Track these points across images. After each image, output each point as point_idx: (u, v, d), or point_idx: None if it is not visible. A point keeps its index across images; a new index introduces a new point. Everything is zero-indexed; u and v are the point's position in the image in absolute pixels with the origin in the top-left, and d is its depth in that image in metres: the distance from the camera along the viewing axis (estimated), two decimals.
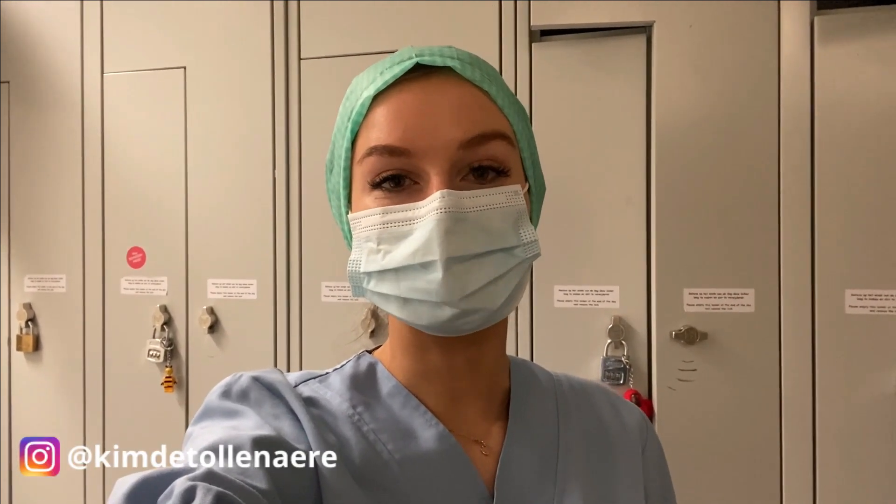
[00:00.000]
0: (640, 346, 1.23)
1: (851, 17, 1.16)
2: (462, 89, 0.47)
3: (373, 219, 0.46)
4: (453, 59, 0.48)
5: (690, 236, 1.20)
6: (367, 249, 0.47)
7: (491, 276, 0.45)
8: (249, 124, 1.42)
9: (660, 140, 1.21)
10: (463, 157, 0.45)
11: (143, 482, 0.35)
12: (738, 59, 1.19)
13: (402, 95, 0.46)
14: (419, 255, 0.44)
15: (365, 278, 0.48)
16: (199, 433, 0.44)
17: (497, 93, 0.49)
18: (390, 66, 0.48)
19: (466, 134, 0.45)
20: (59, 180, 1.53)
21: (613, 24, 1.24)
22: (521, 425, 0.54)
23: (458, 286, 0.43)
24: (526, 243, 0.47)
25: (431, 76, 0.47)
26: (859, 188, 1.14)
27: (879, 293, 1.13)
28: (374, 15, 1.36)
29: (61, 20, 1.54)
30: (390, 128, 0.46)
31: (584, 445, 0.55)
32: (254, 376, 0.49)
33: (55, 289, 1.53)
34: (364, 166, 0.47)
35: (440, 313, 0.44)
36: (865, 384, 1.13)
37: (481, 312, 0.45)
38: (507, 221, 0.46)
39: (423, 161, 0.45)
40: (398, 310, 0.47)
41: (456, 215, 0.44)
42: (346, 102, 0.51)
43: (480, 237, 0.45)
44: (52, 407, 1.53)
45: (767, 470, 1.16)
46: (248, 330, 1.42)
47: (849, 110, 1.15)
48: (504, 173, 0.47)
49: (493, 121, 0.47)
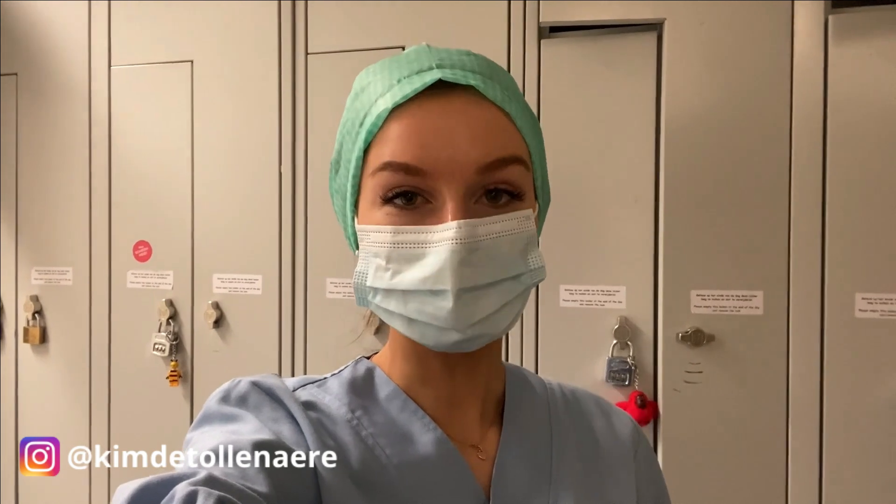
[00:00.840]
0: (646, 347, 1.22)
1: (866, 16, 1.14)
2: (483, 110, 0.46)
3: (383, 236, 0.46)
4: (475, 73, 0.47)
5: (698, 237, 1.19)
6: (375, 265, 0.47)
7: (497, 304, 0.46)
8: (256, 119, 1.41)
9: (669, 139, 1.19)
10: (479, 181, 0.45)
11: (144, 488, 0.35)
12: (749, 57, 1.17)
13: (421, 113, 0.45)
14: (430, 282, 0.44)
15: (371, 292, 0.48)
16: (198, 438, 0.44)
17: (517, 113, 0.48)
18: (409, 74, 0.46)
19: (485, 158, 0.44)
20: (67, 173, 1.53)
21: (623, 21, 1.23)
22: (516, 430, 0.54)
23: (467, 314, 0.44)
24: (533, 269, 0.47)
25: (453, 94, 0.45)
26: (871, 190, 1.13)
27: (890, 297, 1.12)
28: (381, 10, 1.35)
29: (69, 13, 1.54)
30: (406, 145, 0.45)
31: (576, 451, 0.55)
32: (252, 381, 0.49)
33: (62, 281, 1.54)
34: (376, 179, 0.46)
35: (446, 337, 0.45)
36: (874, 389, 1.12)
37: (484, 337, 0.46)
38: (517, 248, 0.46)
39: (438, 182, 0.44)
40: (403, 327, 0.47)
41: (470, 246, 0.43)
42: (355, 102, 0.50)
43: (490, 267, 0.45)
44: (57, 399, 1.54)
45: (773, 474, 1.15)
46: (253, 325, 1.42)
47: (862, 110, 1.13)
48: (518, 197, 0.47)
49: (512, 144, 0.47)
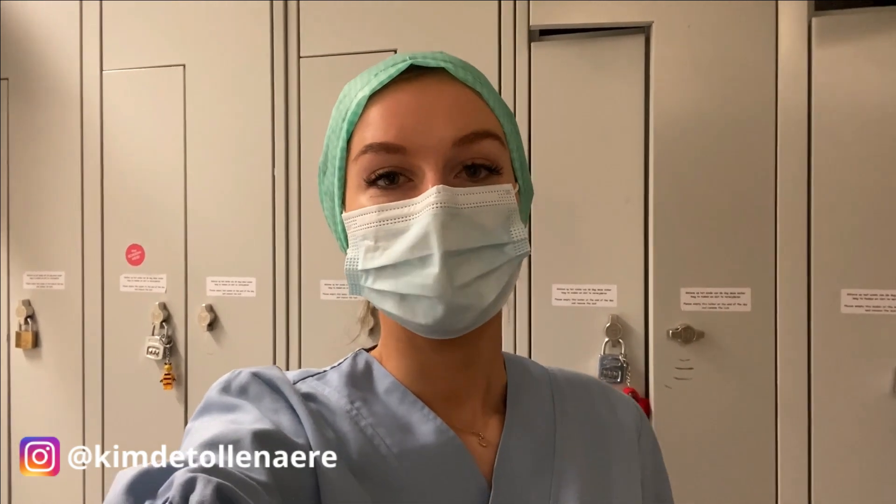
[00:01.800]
0: (637, 344, 1.24)
1: (849, 18, 1.16)
2: (455, 89, 0.48)
3: (369, 217, 0.47)
4: (446, 61, 0.49)
5: (688, 236, 1.20)
6: (365, 247, 0.48)
7: (482, 269, 0.46)
8: (249, 122, 1.42)
9: (658, 140, 1.21)
10: (456, 155, 0.46)
11: (143, 474, 0.36)
12: (735, 59, 1.19)
13: (398, 95, 0.48)
14: (416, 249, 0.45)
15: (363, 276, 0.49)
16: (198, 427, 0.44)
17: (488, 95, 0.50)
18: (385, 67, 0.49)
19: (460, 132, 0.46)
20: (58, 177, 1.53)
21: (612, 24, 1.24)
22: (519, 418, 0.54)
23: (453, 277, 0.45)
24: (516, 241, 0.48)
25: (425, 77, 0.48)
26: (855, 188, 1.15)
27: (875, 293, 1.14)
28: (373, 14, 1.36)
29: (61, 17, 1.54)
30: (386, 126, 0.47)
31: (580, 437, 0.55)
32: (253, 372, 0.49)
33: (54, 286, 1.53)
34: (359, 164, 0.48)
35: (435, 309, 0.45)
36: (861, 383, 1.14)
37: (473, 309, 0.46)
38: (499, 219, 0.47)
39: (417, 158, 0.46)
40: (395, 307, 0.47)
41: (451, 210, 0.44)
42: (339, 105, 0.52)
43: (473, 233, 0.46)
44: (50, 404, 1.54)
45: (763, 468, 1.17)
46: (247, 327, 1.42)
47: (846, 111, 1.16)
48: (496, 171, 0.48)
49: (486, 120, 0.49)
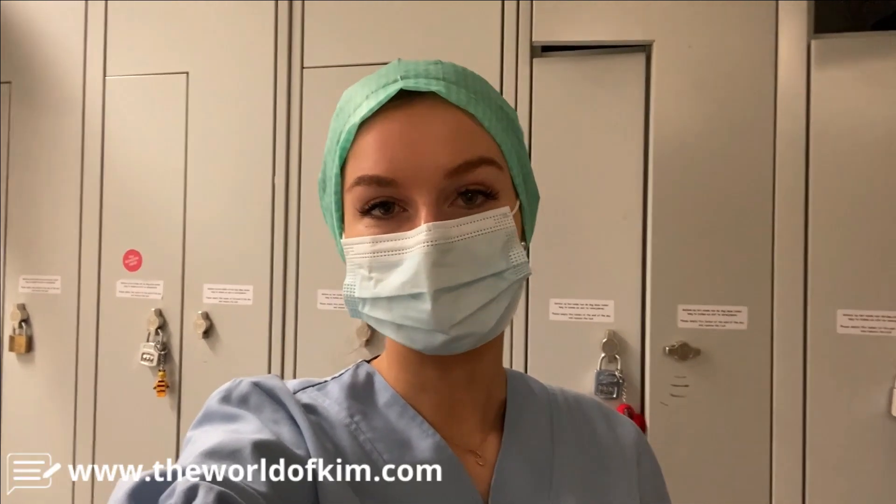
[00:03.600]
0: (633, 360, 1.24)
1: (848, 41, 1.18)
2: (447, 115, 0.46)
3: (364, 247, 0.47)
4: (438, 80, 0.47)
5: (685, 253, 1.21)
6: (360, 276, 0.48)
7: (480, 302, 0.46)
8: (250, 131, 1.42)
9: (657, 157, 1.22)
10: (449, 185, 0.45)
11: (145, 482, 0.36)
12: (735, 79, 1.21)
13: (387, 124, 0.46)
14: (408, 286, 0.45)
15: (360, 303, 0.49)
16: (199, 436, 0.44)
17: (483, 114, 0.48)
18: (376, 89, 0.48)
19: (452, 162, 0.45)
20: (58, 182, 1.53)
21: (614, 42, 1.26)
22: (516, 437, 0.54)
23: (447, 315, 0.44)
24: (515, 265, 0.47)
25: (415, 103, 0.46)
26: (852, 210, 1.16)
27: (871, 314, 1.15)
28: (376, 26, 1.37)
29: (65, 22, 1.54)
30: (376, 158, 0.46)
31: (578, 458, 0.55)
32: (254, 382, 0.49)
33: (50, 290, 1.53)
34: (353, 194, 0.48)
35: (433, 339, 0.46)
36: (856, 403, 1.14)
37: (472, 336, 0.46)
38: (496, 246, 0.46)
39: (410, 190, 0.45)
40: (393, 333, 0.48)
41: (443, 247, 0.44)
42: (335, 121, 0.51)
43: (468, 265, 0.45)
44: (42, 409, 1.52)
45: (757, 486, 1.17)
46: (243, 336, 1.42)
47: (843, 133, 1.17)
48: (492, 196, 0.47)
49: (479, 146, 0.47)
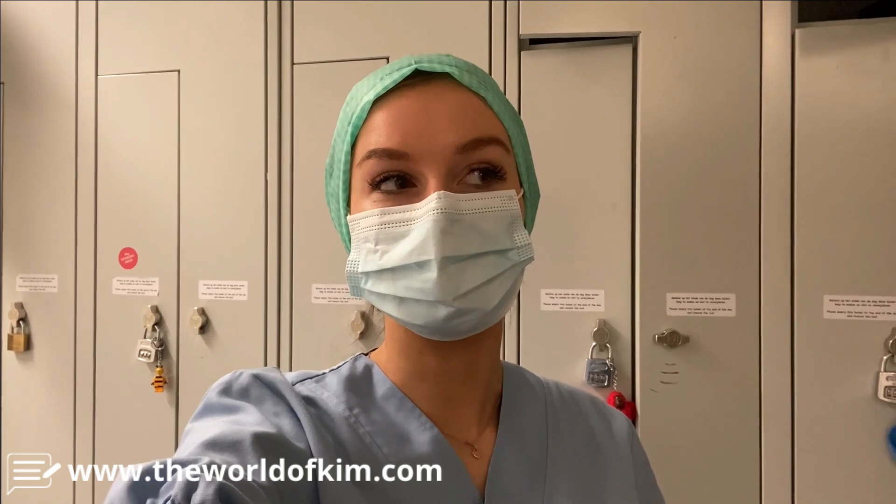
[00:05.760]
0: (624, 349, 1.25)
1: (832, 30, 1.19)
2: (459, 95, 0.48)
3: (371, 220, 0.47)
4: (451, 66, 0.49)
5: (674, 242, 1.22)
6: (366, 250, 0.48)
7: (485, 276, 0.45)
8: (242, 127, 1.43)
9: (644, 147, 1.23)
10: (460, 161, 0.46)
11: (144, 473, 0.36)
12: (720, 69, 1.22)
13: (401, 101, 0.47)
14: (415, 254, 0.44)
15: (363, 278, 0.49)
16: (199, 427, 0.44)
17: (493, 99, 0.49)
18: (390, 72, 0.49)
19: (463, 138, 0.46)
20: (53, 181, 1.54)
21: (600, 34, 1.27)
22: (512, 430, 0.54)
23: (453, 285, 0.44)
24: (519, 247, 0.48)
25: (430, 82, 0.48)
26: (837, 197, 1.17)
27: (857, 299, 1.16)
28: (366, 21, 1.37)
29: (56, 22, 1.55)
30: (389, 132, 0.47)
31: (573, 451, 0.55)
32: (254, 374, 0.49)
33: (47, 288, 1.54)
34: (363, 169, 0.48)
35: (435, 312, 0.45)
36: (843, 387, 1.16)
37: (475, 313, 0.45)
38: (502, 225, 0.47)
39: (420, 164, 0.46)
40: (394, 309, 0.47)
41: (452, 216, 0.44)
42: (346, 108, 0.52)
43: (475, 238, 0.45)
44: (42, 406, 1.54)
45: (747, 471, 1.19)
46: (239, 331, 1.43)
47: (828, 120, 1.18)
48: (500, 177, 0.48)
49: (490, 126, 0.48)
